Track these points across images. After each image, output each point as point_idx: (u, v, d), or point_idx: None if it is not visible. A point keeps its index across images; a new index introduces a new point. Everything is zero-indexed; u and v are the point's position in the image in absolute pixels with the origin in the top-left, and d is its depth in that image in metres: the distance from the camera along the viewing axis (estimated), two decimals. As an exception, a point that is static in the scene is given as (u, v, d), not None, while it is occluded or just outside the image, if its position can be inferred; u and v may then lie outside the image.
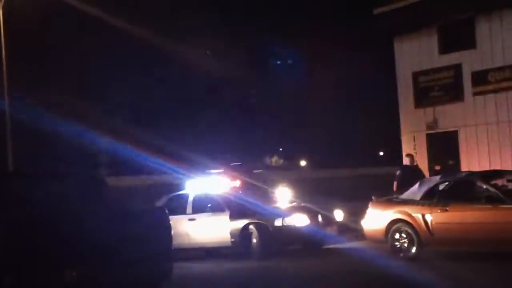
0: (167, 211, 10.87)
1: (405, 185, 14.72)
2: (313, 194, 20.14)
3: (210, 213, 16.31)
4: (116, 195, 10.70)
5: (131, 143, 23.35)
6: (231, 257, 16.05)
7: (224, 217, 15.91)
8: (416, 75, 21.99)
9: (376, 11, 22.21)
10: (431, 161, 21.58)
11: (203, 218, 16.40)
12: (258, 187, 17.95)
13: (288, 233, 15.20)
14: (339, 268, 13.25)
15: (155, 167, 20.47)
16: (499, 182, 13.14)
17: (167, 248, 10.39)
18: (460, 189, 13.07)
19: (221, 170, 18.34)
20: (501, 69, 19.82)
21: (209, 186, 16.90)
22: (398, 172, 16.97)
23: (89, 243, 8.91)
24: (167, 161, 20.17)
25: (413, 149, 21.90)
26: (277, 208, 16.18)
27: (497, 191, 12.25)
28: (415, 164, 18.08)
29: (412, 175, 15.92)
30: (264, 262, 14.58)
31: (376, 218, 13.90)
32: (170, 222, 10.66)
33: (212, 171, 18.29)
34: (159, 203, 16.46)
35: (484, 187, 12.51)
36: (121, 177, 24.22)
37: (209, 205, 16.44)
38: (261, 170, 22.53)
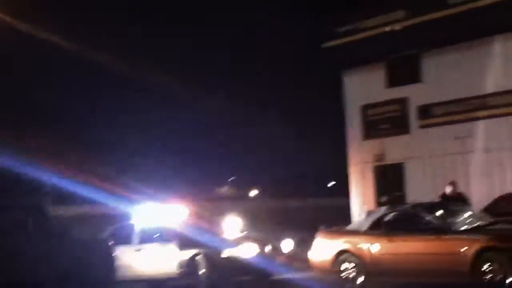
0: (111, 242, 10.78)
1: None
2: (263, 224, 20.16)
3: (157, 244, 16.19)
4: (59, 225, 10.59)
5: (77, 172, 23.03)
6: (178, 288, 15.95)
7: (172, 248, 15.81)
8: (364, 108, 22.36)
9: (325, 45, 22.58)
10: (378, 192, 21.89)
11: (149, 249, 16.26)
12: (207, 217, 17.89)
13: (236, 263, 15.16)
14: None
15: (100, 197, 20.21)
16: (443, 213, 13.33)
17: (111, 280, 10.30)
18: (405, 220, 13.25)
19: (170, 200, 18.25)
20: (446, 103, 20.30)
21: (157, 216, 16.79)
22: None
23: (29, 272, 8.81)
24: (114, 191, 19.96)
25: (361, 180, 22.20)
26: (226, 238, 16.15)
27: (440, 222, 12.46)
28: (457, 192, 16.54)
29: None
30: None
31: (323, 249, 13.98)
32: (115, 253, 10.57)
33: (161, 200, 18.18)
34: (105, 233, 16.28)
35: (428, 218, 12.70)
36: (66, 207, 23.85)
37: (156, 235, 16.32)
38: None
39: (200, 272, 15.28)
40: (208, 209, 19.68)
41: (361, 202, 22.19)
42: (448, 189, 16.31)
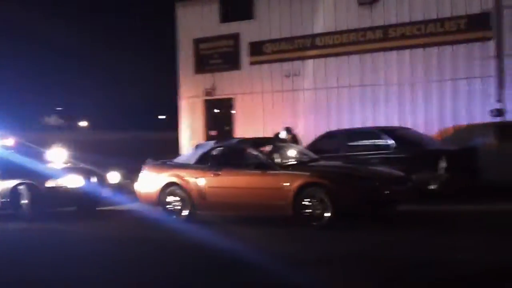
0: None
1: None
2: (90, 156, 19.81)
3: (-24, 173, 15.51)
4: None
5: None
6: (-1, 218, 15.41)
7: (-8, 177, 15.19)
8: (197, 42, 22.30)
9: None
10: (208, 126, 22.12)
11: (-32, 178, 15.56)
12: (32, 147, 17.30)
13: (61, 194, 14.82)
14: (111, 228, 13.26)
15: None
16: (268, 149, 13.68)
17: None
18: (232, 155, 13.48)
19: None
20: (276, 41, 20.67)
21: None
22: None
23: None
24: None
25: (191, 114, 22.32)
26: (50, 168, 15.69)
27: (266, 158, 12.78)
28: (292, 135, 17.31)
29: None
30: (35, 224, 14.13)
31: (150, 181, 13.95)
32: None
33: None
34: None
35: (255, 153, 12.97)
36: None
37: (-25, 165, 15.62)
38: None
39: (22, 202, 14.83)
40: (33, 138, 19.01)
41: (190, 135, 22.33)
42: (283, 135, 16.84)
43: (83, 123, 53.04)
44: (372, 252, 9.37)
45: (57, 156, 16.82)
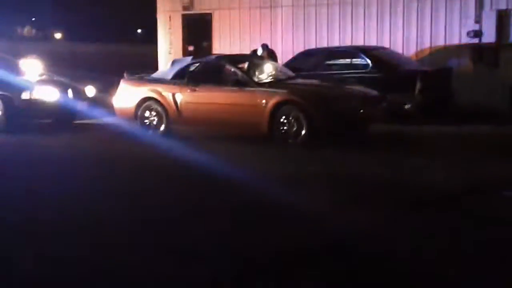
0: None
1: None
2: (65, 68, 19.63)
3: None
4: None
5: None
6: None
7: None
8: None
9: None
10: (186, 41, 21.90)
11: None
12: (5, 57, 17.03)
13: (36, 106, 14.72)
14: (89, 141, 13.30)
15: None
16: (246, 66, 13.64)
17: None
18: (210, 71, 13.45)
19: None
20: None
21: None
22: None
23: None
24: None
25: (169, 28, 22.03)
26: (25, 80, 15.53)
27: (243, 75, 12.78)
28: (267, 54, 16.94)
29: None
30: (10, 136, 14.10)
31: (127, 95, 13.95)
32: None
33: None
34: None
35: (232, 70, 12.96)
36: None
37: None
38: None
39: (-4, 114, 14.72)
40: (6, 49, 18.74)
41: (168, 50, 22.12)
42: (261, 52, 16.76)
43: (58, 35, 52.13)
44: (344, 171, 9.52)
45: (32, 68, 16.62)
